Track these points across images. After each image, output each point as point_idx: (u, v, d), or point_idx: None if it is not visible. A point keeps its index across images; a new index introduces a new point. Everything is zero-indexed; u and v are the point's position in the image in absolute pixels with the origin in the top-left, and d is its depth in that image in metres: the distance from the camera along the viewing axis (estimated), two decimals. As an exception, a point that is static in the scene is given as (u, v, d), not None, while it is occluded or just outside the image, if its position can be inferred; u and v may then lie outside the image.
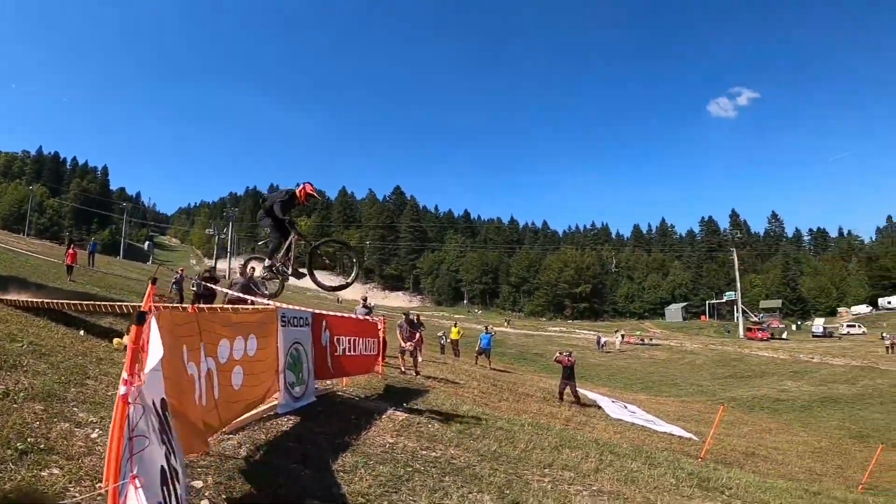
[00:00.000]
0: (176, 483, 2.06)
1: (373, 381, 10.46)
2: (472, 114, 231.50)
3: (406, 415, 7.92)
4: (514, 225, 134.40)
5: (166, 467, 1.86)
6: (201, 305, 8.35)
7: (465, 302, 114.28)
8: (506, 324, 73.99)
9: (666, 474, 8.27)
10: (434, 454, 6.18)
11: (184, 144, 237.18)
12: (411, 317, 15.32)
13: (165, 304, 7.69)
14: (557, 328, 74.52)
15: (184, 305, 9.56)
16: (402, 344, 13.87)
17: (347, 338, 8.68)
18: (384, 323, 11.25)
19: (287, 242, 6.99)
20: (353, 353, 8.91)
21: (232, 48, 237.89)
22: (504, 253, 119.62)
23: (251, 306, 7.45)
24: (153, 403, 2.13)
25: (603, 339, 52.68)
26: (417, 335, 14.82)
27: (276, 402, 6.38)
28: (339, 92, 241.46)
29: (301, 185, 7.00)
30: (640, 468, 8.22)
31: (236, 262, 14.10)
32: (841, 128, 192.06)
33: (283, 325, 6.39)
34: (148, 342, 2.77)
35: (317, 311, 7.90)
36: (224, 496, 3.84)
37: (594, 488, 6.21)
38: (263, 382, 5.67)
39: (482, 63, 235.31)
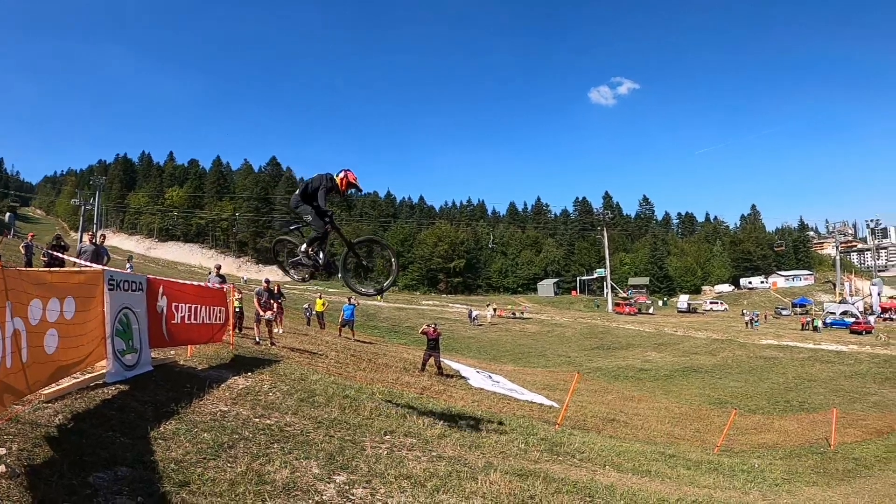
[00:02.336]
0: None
1: (222, 352, 10.19)
2: (350, 87, 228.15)
3: (247, 384, 7.77)
4: (390, 199, 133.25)
5: None
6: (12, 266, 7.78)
7: (339, 275, 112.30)
8: (379, 297, 73.91)
9: (517, 440, 8.67)
10: (268, 422, 6.14)
11: (50, 106, 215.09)
12: (270, 286, 15.08)
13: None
14: (431, 302, 75.58)
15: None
16: (260, 312, 13.66)
17: (188, 305, 8.39)
18: (236, 291, 10.98)
19: (323, 233, 6.65)
20: (194, 321, 8.63)
21: (100, 2, 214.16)
22: (379, 227, 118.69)
23: (74, 268, 7.07)
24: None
25: (475, 313, 53.63)
26: (276, 305, 14.65)
27: (104, 371, 6.16)
28: (214, 57, 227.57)
29: (343, 174, 6.58)
30: (489, 434, 8.53)
31: (99, 234, 13.21)
32: (713, 123, 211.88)
33: (110, 289, 6.13)
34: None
35: (153, 277, 7.62)
36: (25, 463, 3.76)
37: (434, 454, 6.31)
38: (83, 346, 5.46)
39: (358, 40, 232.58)
